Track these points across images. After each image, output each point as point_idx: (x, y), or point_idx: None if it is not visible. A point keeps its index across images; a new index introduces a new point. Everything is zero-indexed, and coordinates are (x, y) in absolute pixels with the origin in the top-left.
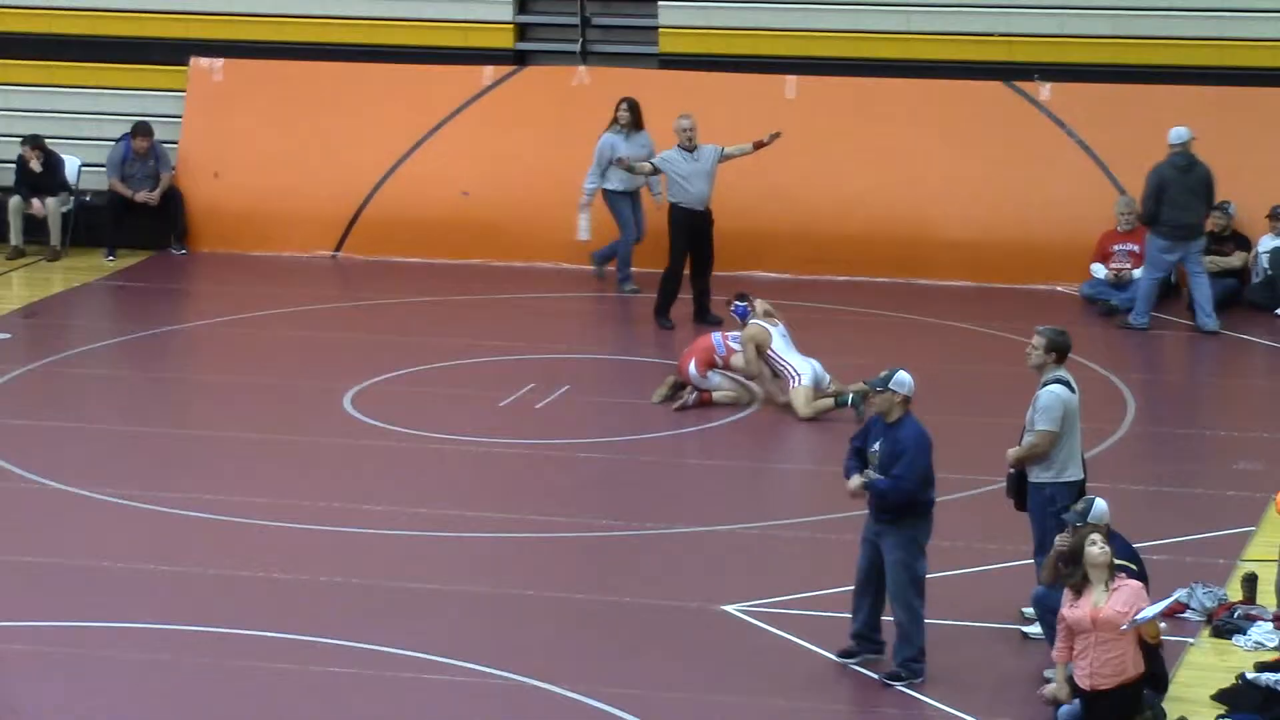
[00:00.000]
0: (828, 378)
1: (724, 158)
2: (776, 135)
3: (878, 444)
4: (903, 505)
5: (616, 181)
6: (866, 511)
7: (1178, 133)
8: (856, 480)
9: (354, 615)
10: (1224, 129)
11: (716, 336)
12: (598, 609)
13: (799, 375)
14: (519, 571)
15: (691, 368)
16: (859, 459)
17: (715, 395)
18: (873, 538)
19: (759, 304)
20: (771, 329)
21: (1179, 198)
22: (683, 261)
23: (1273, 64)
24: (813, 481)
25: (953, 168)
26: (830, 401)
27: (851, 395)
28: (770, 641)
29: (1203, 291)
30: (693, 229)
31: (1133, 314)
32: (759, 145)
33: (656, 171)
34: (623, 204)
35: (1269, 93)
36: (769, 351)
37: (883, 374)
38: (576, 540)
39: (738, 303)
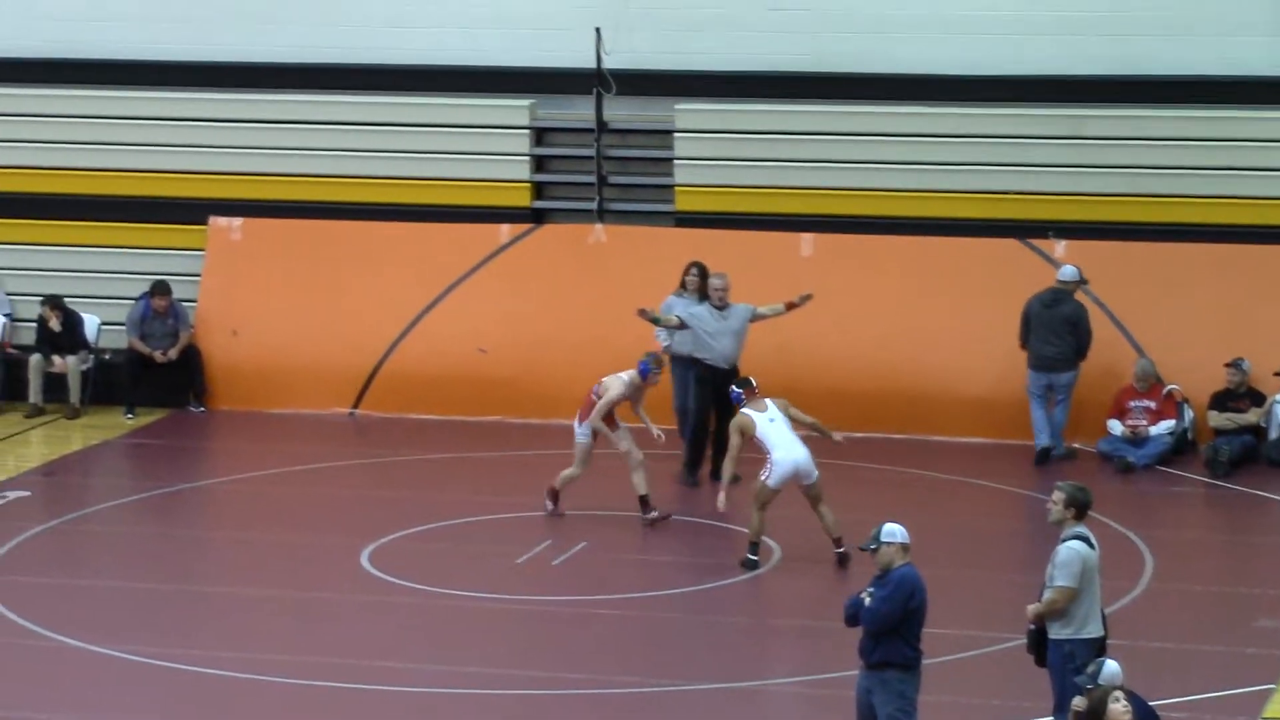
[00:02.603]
0: (813, 475)
1: (755, 318)
2: (808, 297)
3: (874, 587)
4: (876, 635)
5: (678, 345)
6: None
7: (1064, 271)
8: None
9: None
10: (1238, 286)
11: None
12: None
13: (768, 468)
14: None
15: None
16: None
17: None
18: (865, 695)
19: (770, 401)
20: (757, 416)
21: (1039, 330)
22: (707, 417)
23: None
24: (827, 637)
25: (968, 324)
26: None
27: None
28: None
29: (1055, 420)
30: (716, 387)
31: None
32: (791, 306)
33: (683, 326)
34: (683, 368)
35: None
36: (755, 436)
37: (872, 533)
38: (594, 696)
39: (735, 389)
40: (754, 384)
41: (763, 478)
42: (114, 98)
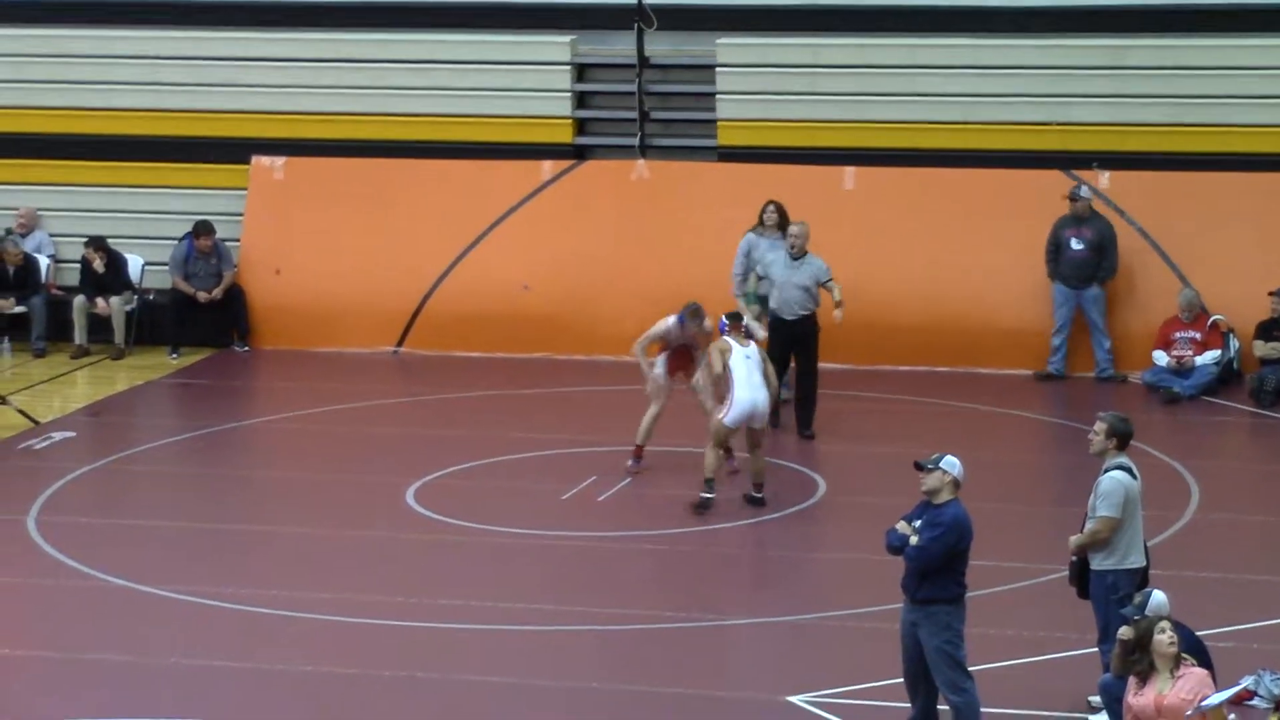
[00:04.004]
0: (764, 419)
1: (823, 284)
2: (839, 304)
3: (919, 521)
4: (922, 572)
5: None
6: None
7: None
8: (903, 525)
9: (420, 710)
10: None
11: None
12: (665, 701)
13: (728, 405)
14: (584, 664)
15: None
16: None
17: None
18: (910, 628)
19: (754, 344)
20: (737, 347)
21: None
22: (783, 366)
23: None
24: (873, 571)
25: (1011, 257)
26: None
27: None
28: None
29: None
30: (785, 335)
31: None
32: (838, 305)
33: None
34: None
35: None
36: (726, 365)
37: (934, 455)
38: (641, 632)
39: (724, 318)
40: (743, 319)
41: (720, 415)
42: (155, 38)
